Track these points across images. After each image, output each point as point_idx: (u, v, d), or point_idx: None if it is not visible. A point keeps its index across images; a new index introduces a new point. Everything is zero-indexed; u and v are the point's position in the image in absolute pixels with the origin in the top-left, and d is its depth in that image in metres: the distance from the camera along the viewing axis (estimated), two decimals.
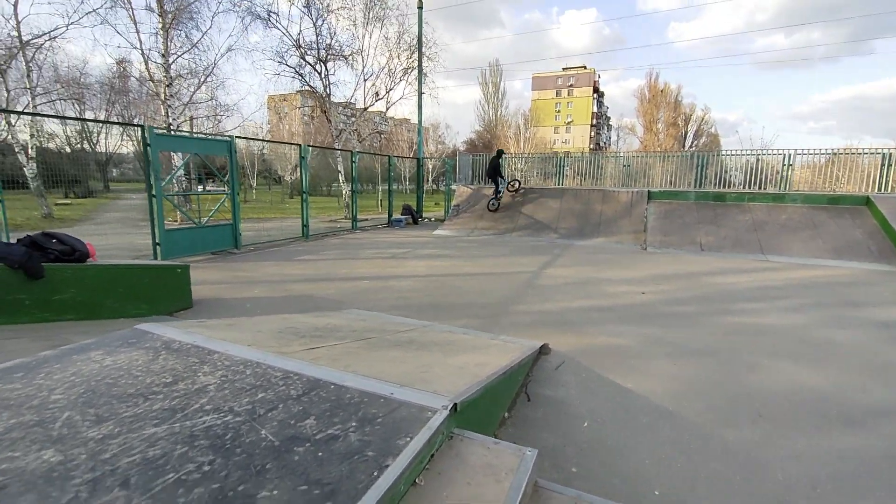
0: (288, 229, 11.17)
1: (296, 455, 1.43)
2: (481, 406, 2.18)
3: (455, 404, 1.82)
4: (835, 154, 11.82)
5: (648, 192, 11.68)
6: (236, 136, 8.91)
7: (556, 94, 73.43)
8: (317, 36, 14.63)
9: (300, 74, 15.00)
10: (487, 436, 2.30)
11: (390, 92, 15.73)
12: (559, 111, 73.30)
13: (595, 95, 73.06)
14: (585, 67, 71.85)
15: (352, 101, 16.24)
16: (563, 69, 73.04)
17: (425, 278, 6.54)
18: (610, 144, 67.55)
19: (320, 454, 1.45)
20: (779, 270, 7.65)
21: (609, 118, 77.76)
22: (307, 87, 15.42)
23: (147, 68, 13.89)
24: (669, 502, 1.97)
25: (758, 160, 12.77)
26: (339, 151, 15.13)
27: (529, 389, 3.06)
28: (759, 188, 11.87)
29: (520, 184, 13.17)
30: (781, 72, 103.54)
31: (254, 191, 32.74)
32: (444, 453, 1.66)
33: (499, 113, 51.14)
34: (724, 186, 12.68)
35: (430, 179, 43.76)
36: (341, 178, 15.29)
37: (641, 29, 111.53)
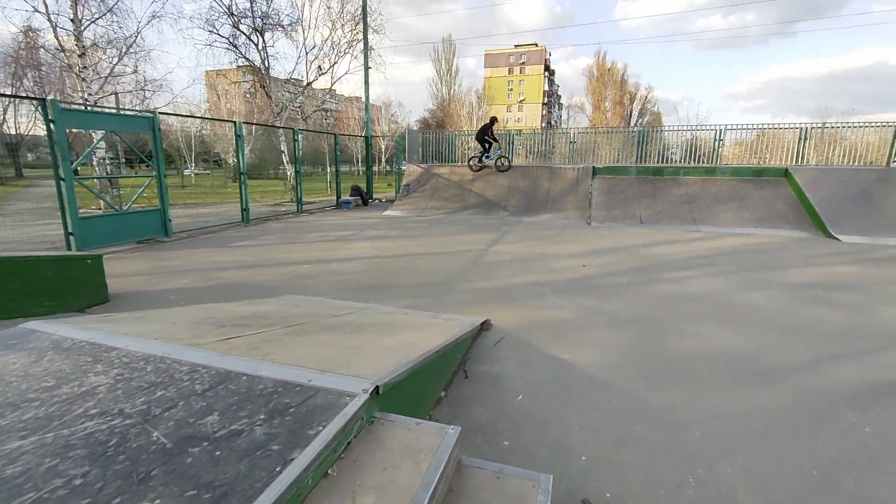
0: (226, 214, 10.52)
1: (189, 457, 1.30)
2: (410, 387, 2.13)
3: (377, 387, 1.75)
4: (760, 129, 12.64)
5: (593, 168, 12.00)
6: (160, 112, 8.15)
7: (509, 71, 73.46)
8: (251, 3, 13.59)
9: (234, 46, 13.93)
10: (418, 417, 2.25)
11: (335, 66, 15.00)
12: (511, 89, 73.54)
13: (546, 74, 73.80)
14: (537, 45, 72.15)
15: (293, 75, 15.34)
16: (516, 46, 73.01)
17: (370, 260, 6.38)
18: (561, 123, 68.92)
19: (218, 453, 1.33)
20: (708, 240, 8.14)
21: (560, 97, 79.06)
22: (243, 60, 14.37)
23: (56, 36, 12.35)
24: (594, 466, 2.02)
25: (693, 136, 13.43)
26: (281, 131, 14.33)
27: (468, 367, 3.05)
28: (696, 163, 12.50)
29: (509, 162, 12.91)
30: (718, 52, 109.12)
31: (192, 174, 30.60)
32: (362, 439, 1.58)
33: (452, 91, 50.58)
34: (664, 162, 13.27)
35: (383, 160, 42.87)
36: (284, 158, 14.53)
37: (591, 6, 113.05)
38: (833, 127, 12.30)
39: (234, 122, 9.51)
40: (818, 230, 8.67)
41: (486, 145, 12.51)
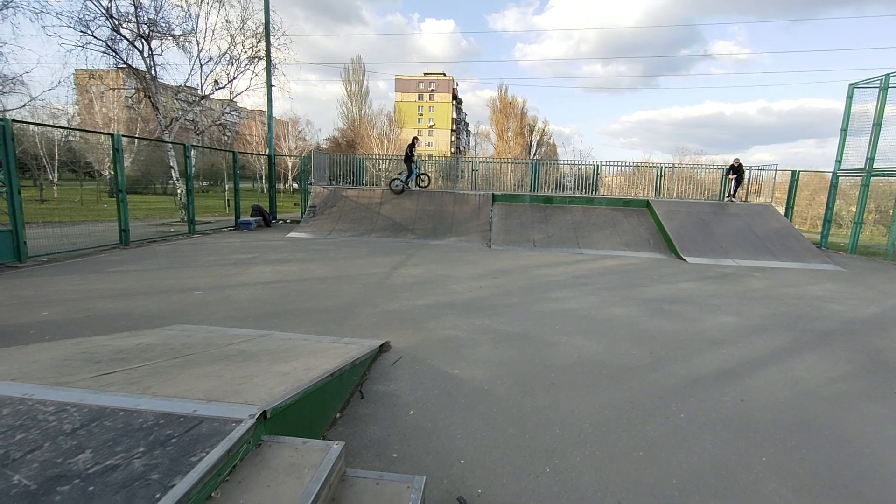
0: (101, 235, 9.35)
1: (58, 496, 1.30)
2: (302, 410, 2.23)
3: (265, 412, 1.85)
4: (629, 166, 14.77)
5: (493, 195, 12.96)
6: (13, 120, 7.12)
7: (419, 97, 75.80)
8: (136, 7, 12.49)
9: (114, 50, 12.62)
10: (312, 438, 2.36)
11: (234, 81, 14.31)
12: (422, 114, 75.82)
13: (454, 102, 77.56)
14: (445, 75, 75.74)
15: (185, 86, 14.29)
16: (425, 74, 75.89)
17: (271, 285, 6.20)
18: (469, 148, 72.60)
19: (91, 489, 1.34)
20: (588, 262, 9.28)
21: (468, 124, 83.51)
22: (124, 66, 13.06)
23: None
24: (471, 467, 2.31)
25: (580, 169, 15.21)
26: (171, 144, 13.19)
27: (365, 387, 3.20)
28: (584, 192, 14.14)
29: (429, 179, 13.47)
30: (600, 94, 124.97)
31: (54, 187, 26.38)
32: (249, 461, 1.68)
33: (362, 112, 50.60)
34: (560, 190, 14.80)
35: (290, 178, 41.09)
36: (174, 174, 13.36)
37: (493, 45, 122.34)
38: (680, 167, 14.86)
39: (112, 135, 8.61)
40: (671, 253, 10.36)
41: (411, 166, 12.94)
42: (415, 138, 13.41)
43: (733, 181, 12.57)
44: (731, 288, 7.20)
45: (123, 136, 8.98)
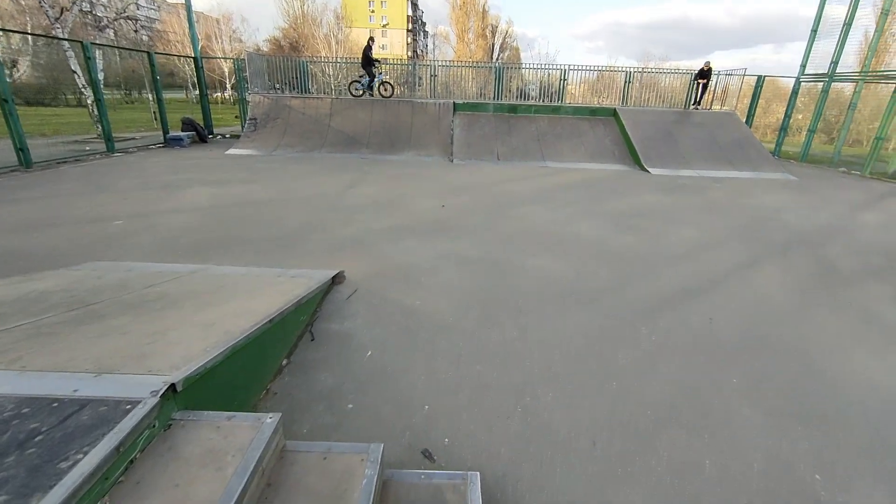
0: None
1: None
2: (231, 370, 1.87)
3: (173, 385, 1.46)
4: (598, 71, 13.92)
5: (454, 104, 11.97)
6: None
7: None
8: None
9: None
10: (246, 400, 2.03)
11: None
12: (373, 11, 67.85)
13: None
14: None
15: None
16: None
17: (208, 211, 5.50)
18: (427, 52, 66.93)
19: None
20: (553, 175, 8.96)
21: (425, 24, 75.94)
22: None
23: None
24: (434, 415, 2.10)
25: (546, 74, 14.20)
26: (68, 44, 10.95)
27: (316, 326, 2.86)
28: (548, 101, 13.35)
29: (392, 89, 12.16)
30: None
31: None
32: (152, 452, 1.32)
33: (305, 7, 44.42)
34: (523, 98, 13.90)
35: (228, 86, 36.65)
36: (79, 81, 11.30)
37: None
38: (650, 72, 14.17)
39: None
40: (636, 164, 10.19)
41: (372, 70, 11.55)
42: (371, 38, 11.81)
43: (700, 86, 12.15)
44: (693, 200, 7.18)
45: None
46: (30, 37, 16.85)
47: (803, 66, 12.31)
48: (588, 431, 2.03)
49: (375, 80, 11.83)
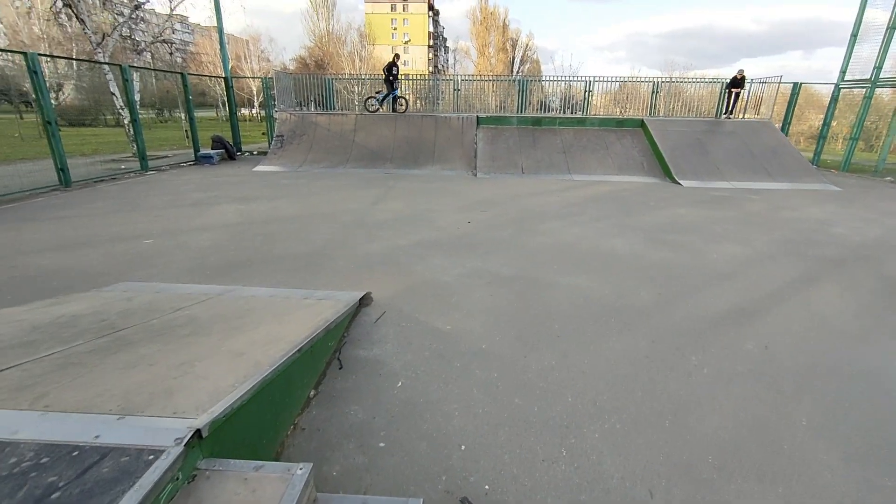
0: (38, 176, 8.27)
1: None
2: (259, 407, 1.76)
3: (199, 430, 1.36)
4: (622, 81, 13.68)
5: (477, 117, 11.93)
6: None
7: (392, 8, 68.81)
8: None
9: None
10: (274, 438, 1.92)
11: None
12: (396, 28, 69.39)
13: (431, 14, 70.76)
14: None
15: None
16: None
17: (235, 228, 5.53)
18: (448, 67, 67.81)
19: None
20: (580, 188, 8.74)
21: (446, 39, 77.13)
22: None
23: None
24: (473, 455, 1.93)
25: (568, 86, 14.06)
26: (108, 68, 11.46)
27: (344, 353, 2.75)
28: (571, 112, 13.18)
29: (406, 104, 12.32)
30: (586, 3, 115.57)
31: None
32: None
33: (330, 26, 45.78)
34: (544, 111, 13.77)
35: (256, 104, 37.88)
36: (117, 102, 11.79)
37: None
38: (679, 81, 13.84)
39: (25, 54, 7.19)
40: (666, 176, 9.86)
41: (391, 86, 11.71)
42: (396, 56, 11.91)
43: (733, 96, 11.75)
44: (731, 213, 6.84)
45: (42, 55, 7.55)
46: (74, 62, 17.80)
47: (843, 71, 11.76)
48: (643, 478, 1.82)
49: (391, 95, 11.93)
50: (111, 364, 1.87)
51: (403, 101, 12.18)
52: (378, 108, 12.15)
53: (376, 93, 12.19)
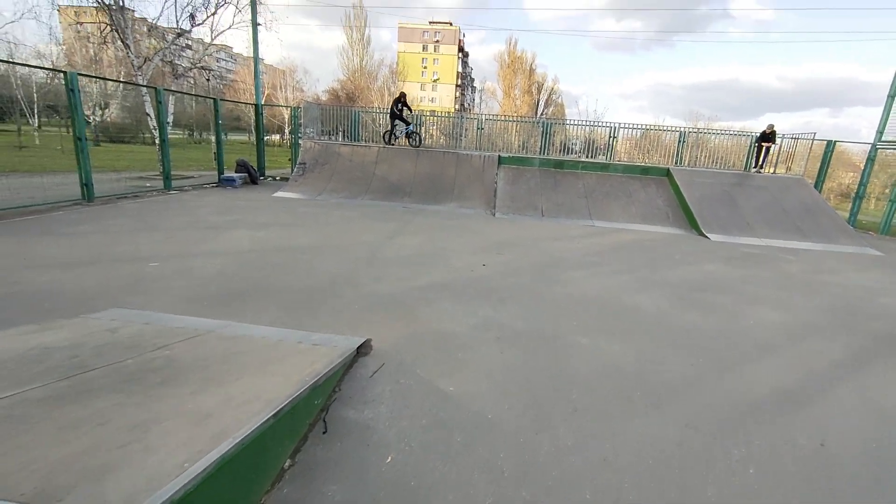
0: (63, 189, 8.43)
1: None
2: (215, 486, 1.47)
3: None
4: (647, 130, 13.57)
5: (499, 156, 11.89)
6: None
7: (423, 48, 71.94)
8: None
9: None
10: None
11: (213, 17, 12.82)
12: (426, 67, 72.27)
13: (460, 55, 73.68)
14: (451, 24, 71.44)
15: (161, 25, 12.81)
16: (430, 23, 71.57)
17: (245, 255, 5.39)
18: (474, 106, 69.75)
19: None
20: (602, 235, 8.43)
21: (473, 80, 79.85)
22: None
23: None
24: None
25: (592, 131, 14.01)
26: (145, 89, 11.95)
27: (332, 412, 2.45)
28: (593, 157, 13.06)
29: (419, 139, 12.44)
30: (612, 53, 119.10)
31: (35, 133, 25.02)
32: None
33: (364, 62, 47.88)
34: (566, 153, 13.70)
35: (286, 131, 39.31)
36: (150, 122, 12.21)
37: None
38: (704, 132, 13.66)
39: (65, 73, 7.48)
40: (692, 228, 9.49)
41: (395, 121, 11.85)
42: (402, 93, 12.11)
43: (764, 149, 11.46)
44: (764, 273, 6.41)
45: (83, 75, 7.85)
46: (120, 83, 18.77)
47: (881, 132, 11.41)
48: None
49: (403, 130, 12.05)
50: (56, 420, 1.62)
51: (416, 136, 12.30)
52: (391, 142, 12.23)
53: (393, 127, 12.25)
